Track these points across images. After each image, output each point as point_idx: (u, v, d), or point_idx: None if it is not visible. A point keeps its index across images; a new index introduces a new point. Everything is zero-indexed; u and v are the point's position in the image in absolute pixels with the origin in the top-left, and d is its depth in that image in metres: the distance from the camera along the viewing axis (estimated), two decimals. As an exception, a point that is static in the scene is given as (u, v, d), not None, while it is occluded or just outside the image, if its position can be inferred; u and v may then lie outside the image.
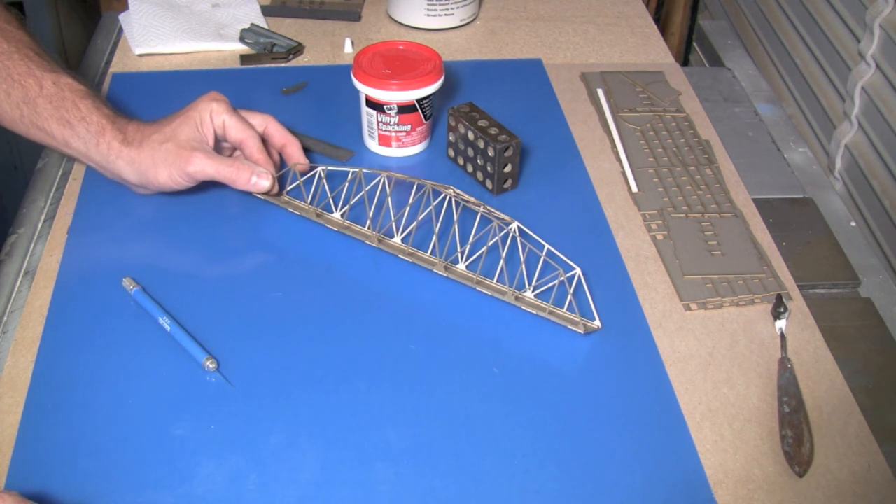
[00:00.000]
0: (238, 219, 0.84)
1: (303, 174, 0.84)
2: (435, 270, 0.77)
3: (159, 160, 0.79)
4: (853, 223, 0.92)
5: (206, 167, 0.79)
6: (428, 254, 0.78)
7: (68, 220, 0.84)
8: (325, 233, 0.83)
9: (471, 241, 0.76)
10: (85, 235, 0.82)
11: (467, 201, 0.77)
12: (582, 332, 0.72)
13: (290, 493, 0.61)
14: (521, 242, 0.74)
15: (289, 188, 0.84)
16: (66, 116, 0.80)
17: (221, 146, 0.86)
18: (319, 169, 0.83)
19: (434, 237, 0.77)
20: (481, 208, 0.76)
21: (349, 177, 0.82)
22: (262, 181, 0.81)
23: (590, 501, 0.62)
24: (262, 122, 0.85)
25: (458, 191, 0.77)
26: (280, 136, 0.86)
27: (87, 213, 0.84)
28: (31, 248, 0.82)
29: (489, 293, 0.75)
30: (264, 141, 0.85)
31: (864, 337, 0.77)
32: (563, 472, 0.63)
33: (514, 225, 0.75)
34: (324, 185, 0.82)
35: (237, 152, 0.87)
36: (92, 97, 0.81)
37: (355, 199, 0.82)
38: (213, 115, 0.82)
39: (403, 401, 0.68)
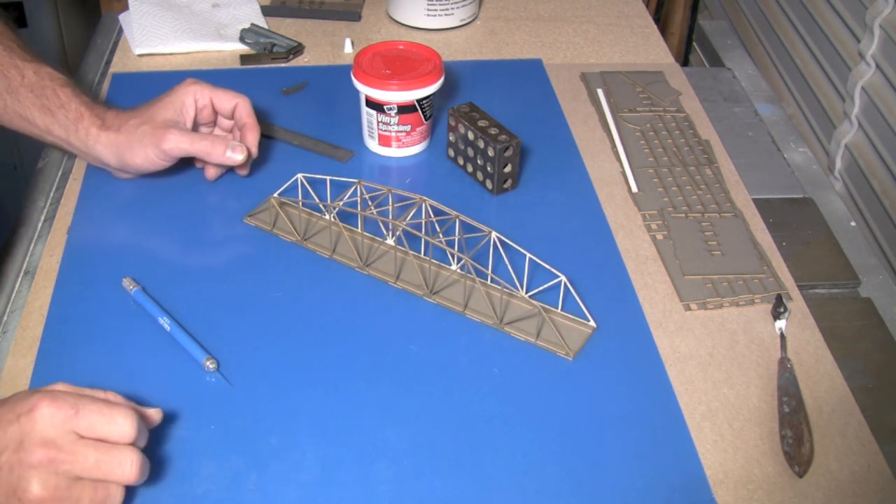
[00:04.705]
0: (238, 219, 0.84)
1: (243, 163, 0.86)
2: (422, 297, 0.77)
3: (135, 142, 0.81)
4: (853, 223, 0.92)
5: (181, 143, 0.81)
6: (411, 281, 0.78)
7: (68, 220, 0.84)
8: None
9: (456, 252, 0.76)
10: (85, 235, 0.82)
11: (441, 211, 0.77)
12: (571, 358, 0.72)
13: (290, 493, 0.61)
14: (503, 252, 0.74)
15: (280, 190, 0.84)
16: (47, 104, 0.81)
17: (199, 128, 0.88)
18: (300, 176, 0.83)
19: (417, 255, 0.77)
20: (457, 219, 0.76)
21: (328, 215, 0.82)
22: (236, 154, 0.83)
23: (590, 501, 0.62)
24: (234, 98, 0.86)
25: (431, 201, 0.77)
26: (245, 116, 0.86)
27: (87, 213, 0.84)
28: (31, 248, 0.82)
29: (477, 319, 0.75)
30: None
31: (864, 337, 0.77)
32: (563, 472, 0.63)
33: (493, 235, 0.74)
34: (312, 194, 0.83)
35: (216, 131, 0.90)
36: (71, 86, 0.83)
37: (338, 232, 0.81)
38: (197, 96, 0.84)
39: (403, 401, 0.68)
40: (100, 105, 0.84)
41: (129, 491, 0.59)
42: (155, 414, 0.62)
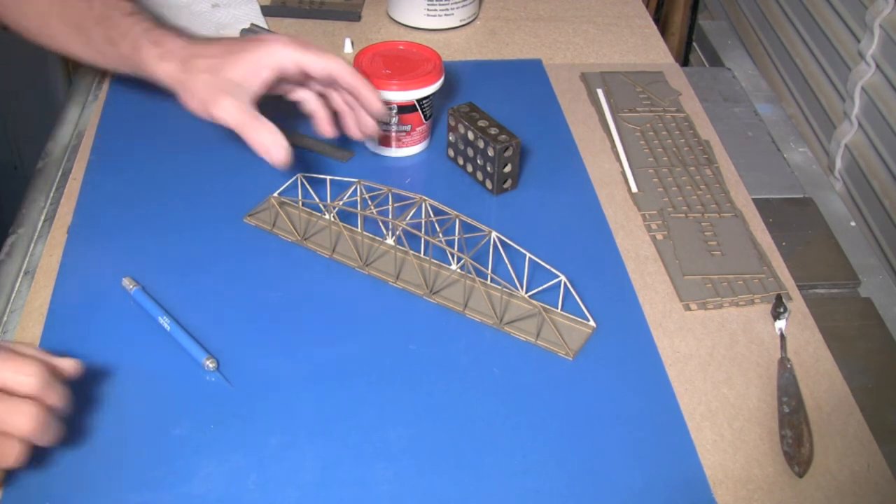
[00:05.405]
0: (238, 219, 0.84)
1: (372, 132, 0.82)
2: (422, 297, 0.77)
3: (193, 89, 0.75)
4: (853, 223, 0.92)
5: (229, 118, 0.75)
6: (411, 281, 0.78)
7: (68, 220, 0.84)
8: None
9: (456, 252, 0.76)
10: (85, 235, 0.82)
11: (441, 211, 0.76)
12: (571, 358, 0.72)
13: (290, 493, 0.61)
14: (503, 252, 0.73)
15: (280, 189, 0.84)
16: (112, 35, 0.78)
17: (282, 87, 0.82)
18: (299, 176, 0.82)
19: (417, 255, 0.77)
20: (457, 219, 0.75)
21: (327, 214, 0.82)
22: (274, 155, 0.76)
23: (590, 501, 0.62)
24: (325, 65, 0.77)
25: (431, 201, 0.77)
26: (348, 81, 0.78)
27: (87, 213, 0.84)
28: (31, 248, 0.82)
29: (477, 318, 0.75)
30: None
31: (864, 337, 0.77)
32: (563, 472, 0.63)
33: (493, 235, 0.74)
34: (312, 194, 0.82)
35: (305, 93, 0.84)
36: (136, 13, 0.79)
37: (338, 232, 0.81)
38: (281, 63, 0.76)
39: (403, 401, 0.68)
40: (161, 30, 0.78)
41: (126, 490, 0.59)
42: (69, 365, 0.59)
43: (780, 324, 0.75)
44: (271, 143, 0.75)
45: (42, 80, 1.73)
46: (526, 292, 0.73)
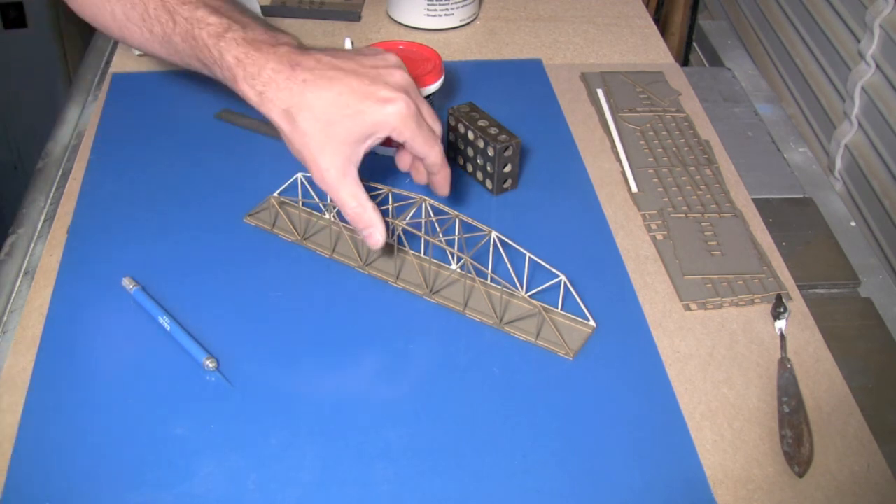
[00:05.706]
0: (238, 219, 0.84)
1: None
2: (422, 296, 0.77)
3: (296, 144, 0.71)
4: (853, 223, 0.92)
5: (327, 189, 0.72)
6: (411, 281, 0.78)
7: (68, 220, 0.84)
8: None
9: (456, 252, 0.76)
10: (85, 235, 0.82)
11: (441, 211, 0.76)
12: (571, 358, 0.72)
13: (290, 493, 0.61)
14: (503, 252, 0.73)
15: (280, 189, 0.84)
16: (203, 59, 0.73)
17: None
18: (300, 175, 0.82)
19: (417, 255, 0.77)
20: (457, 219, 0.75)
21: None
22: (372, 241, 0.73)
23: (590, 501, 0.62)
24: (426, 150, 0.73)
25: (431, 201, 0.76)
26: (434, 167, 0.76)
27: (87, 213, 0.84)
28: (31, 248, 0.82)
29: (477, 318, 0.75)
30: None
31: (864, 337, 0.77)
32: (563, 472, 0.63)
33: (493, 235, 0.74)
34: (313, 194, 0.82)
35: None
36: (222, 35, 0.71)
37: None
38: (393, 134, 0.71)
39: (403, 400, 0.68)
40: (252, 58, 0.70)
41: (126, 490, 0.59)
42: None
43: (780, 324, 0.75)
44: (375, 234, 0.73)
45: (42, 80, 1.73)
46: (526, 292, 0.73)
